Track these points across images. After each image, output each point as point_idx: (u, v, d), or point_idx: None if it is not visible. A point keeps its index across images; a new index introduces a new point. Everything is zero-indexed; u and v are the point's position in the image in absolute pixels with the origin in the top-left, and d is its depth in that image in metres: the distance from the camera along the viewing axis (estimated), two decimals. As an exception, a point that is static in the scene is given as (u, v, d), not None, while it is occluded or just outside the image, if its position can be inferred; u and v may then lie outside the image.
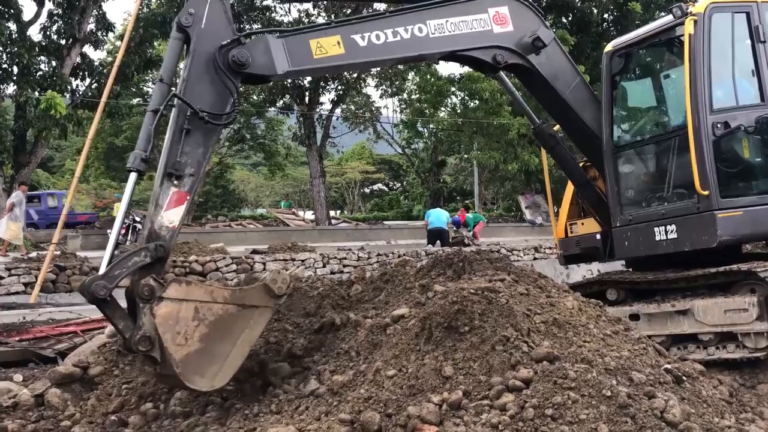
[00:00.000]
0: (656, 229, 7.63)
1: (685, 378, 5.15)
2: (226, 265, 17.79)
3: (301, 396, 5.33)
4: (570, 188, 9.26)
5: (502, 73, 8.03)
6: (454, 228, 26.78)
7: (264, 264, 17.81)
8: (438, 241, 23.77)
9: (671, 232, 7.50)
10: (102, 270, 5.10)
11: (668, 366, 5.22)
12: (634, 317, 7.47)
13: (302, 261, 18.43)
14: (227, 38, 5.86)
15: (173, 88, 5.81)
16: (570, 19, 39.46)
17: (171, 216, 5.53)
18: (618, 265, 9.18)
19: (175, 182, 5.56)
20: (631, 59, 8.36)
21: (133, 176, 5.60)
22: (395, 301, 6.28)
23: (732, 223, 7.20)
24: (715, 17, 7.37)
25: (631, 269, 8.58)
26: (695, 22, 7.22)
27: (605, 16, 40.75)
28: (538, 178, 36.01)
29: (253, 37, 6.17)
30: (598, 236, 8.63)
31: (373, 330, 5.79)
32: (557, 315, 5.46)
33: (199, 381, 5.18)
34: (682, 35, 7.40)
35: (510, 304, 5.34)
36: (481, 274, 6.05)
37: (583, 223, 8.95)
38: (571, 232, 9.08)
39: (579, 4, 39.03)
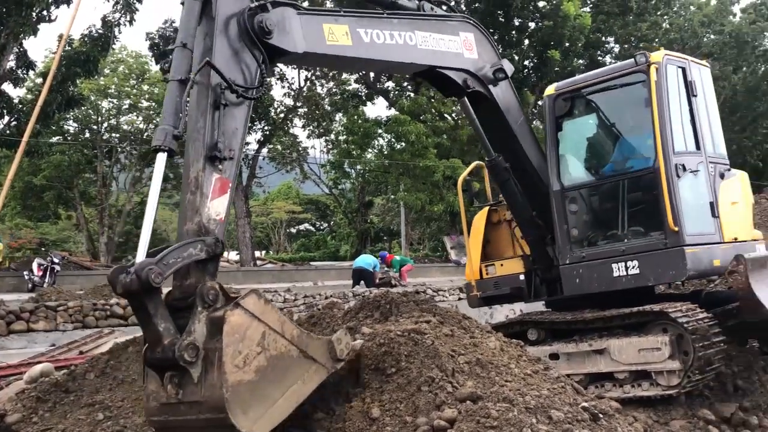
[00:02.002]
0: (614, 265, 7.84)
1: (601, 415, 5.34)
2: (149, 308, 17.35)
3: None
4: (479, 230, 9.40)
5: (465, 99, 8.18)
6: (385, 268, 26.85)
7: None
8: (362, 282, 23.85)
9: (632, 267, 7.74)
10: (139, 258, 4.44)
11: (585, 404, 5.41)
12: (554, 356, 7.69)
13: (227, 303, 18.16)
14: (250, 2, 5.45)
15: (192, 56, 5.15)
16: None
17: (217, 207, 4.97)
18: (539, 306, 9.44)
19: (220, 167, 5.01)
20: (579, 102, 8.68)
21: (162, 157, 4.83)
22: (323, 344, 6.32)
23: (697, 258, 7.58)
24: (668, 68, 7.91)
25: (551, 309, 8.84)
26: (657, 69, 7.71)
27: (525, 63, 42.03)
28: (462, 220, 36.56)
29: (275, 8, 5.67)
30: (522, 276, 8.82)
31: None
32: (480, 355, 5.62)
33: (241, 418, 4.36)
34: (641, 81, 7.92)
35: (435, 345, 5.47)
36: (407, 315, 6.17)
37: (502, 264, 9.05)
38: (487, 274, 9.14)
39: (500, 51, 40.16)
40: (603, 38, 46.55)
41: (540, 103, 46.66)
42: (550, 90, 8.67)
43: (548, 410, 5.04)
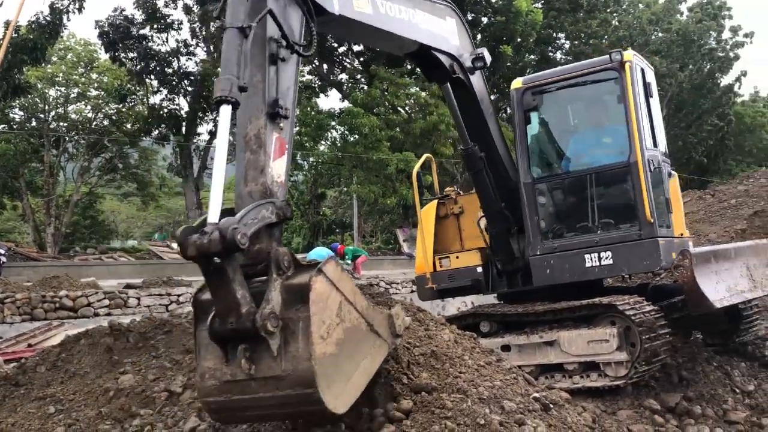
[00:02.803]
0: (587, 256, 7.98)
1: (552, 406, 5.46)
2: (98, 300, 17.15)
3: (181, 434, 5.29)
4: (430, 222, 9.44)
5: (448, 85, 8.20)
6: (338, 260, 26.84)
7: (139, 299, 17.31)
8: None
9: (606, 258, 7.89)
10: (212, 218, 4.00)
11: (537, 394, 5.52)
12: (506, 348, 7.82)
13: (178, 296, 18.02)
14: None
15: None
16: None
17: (278, 168, 4.64)
18: (490, 299, 9.57)
19: (280, 125, 4.72)
20: (549, 96, 8.75)
21: (227, 110, 4.35)
22: (278, 336, 6.33)
23: (665, 250, 7.80)
24: (635, 68, 8.12)
25: (503, 302, 8.97)
26: (630, 67, 7.92)
27: (478, 57, 42.32)
28: (415, 212, 36.72)
29: None
30: (479, 269, 8.90)
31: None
32: (435, 347, 5.68)
33: (328, 393, 3.98)
34: (613, 78, 8.11)
35: (390, 337, 5.51)
36: (363, 308, 6.20)
37: (457, 257, 9.09)
38: (441, 266, 9.11)
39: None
40: (554, 34, 47.18)
41: (492, 98, 47.16)
42: (518, 83, 8.74)
43: (501, 401, 5.13)
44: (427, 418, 4.77)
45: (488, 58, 8.13)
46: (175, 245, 48.46)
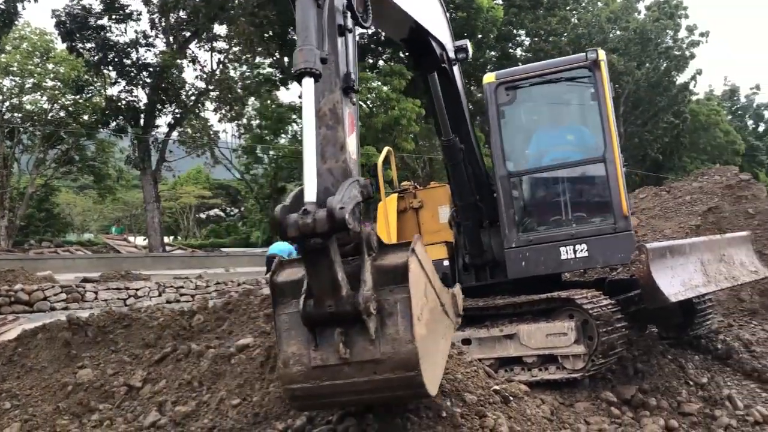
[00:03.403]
0: (562, 248, 8.08)
1: (512, 398, 5.53)
2: (55, 294, 16.91)
3: (141, 428, 5.26)
4: (392, 215, 9.39)
5: (435, 74, 8.09)
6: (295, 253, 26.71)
7: (96, 293, 17.09)
8: (276, 269, 23.65)
9: (581, 251, 8.02)
10: (309, 198, 3.81)
11: (497, 387, 5.58)
12: (466, 342, 7.88)
13: (137, 290, 17.83)
14: None
15: None
16: (407, 54, 40.81)
17: (351, 145, 4.46)
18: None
19: (353, 100, 4.55)
20: (522, 91, 8.82)
21: (310, 83, 4.08)
22: (239, 331, 6.32)
23: (635, 243, 7.94)
24: (603, 67, 8.26)
25: (464, 296, 9.02)
26: (603, 66, 8.09)
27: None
28: (375, 207, 36.73)
29: None
30: (446, 263, 8.90)
31: (216, 360, 5.81)
32: (397, 341, 5.72)
33: (426, 375, 3.89)
34: (587, 76, 8.30)
35: (354, 331, 5.53)
36: (325, 302, 6.21)
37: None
38: None
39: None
40: (514, 31, 47.57)
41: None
42: (491, 78, 8.77)
43: (462, 393, 5.17)
44: (389, 413, 4.80)
45: (470, 50, 8.17)
46: (131, 239, 47.90)
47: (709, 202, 14.75)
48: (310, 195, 3.81)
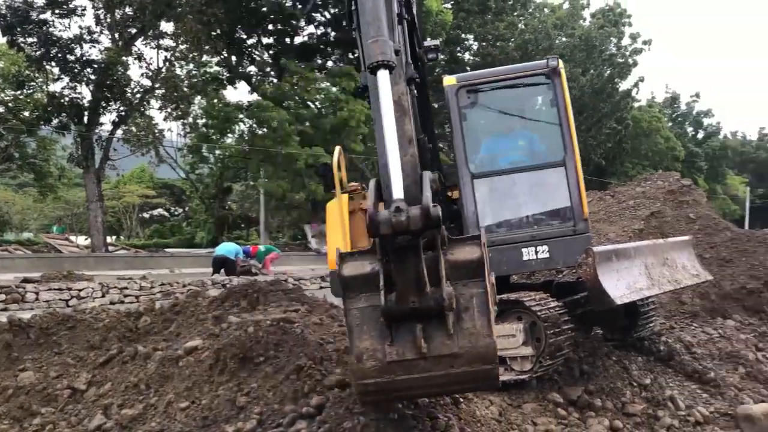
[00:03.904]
0: (524, 249, 8.16)
1: (462, 400, 5.58)
2: (-7, 295, 16.41)
3: (86, 432, 5.16)
4: (343, 216, 9.24)
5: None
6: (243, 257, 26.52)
7: (37, 294, 16.65)
8: (222, 270, 23.48)
9: (542, 252, 8.13)
10: (397, 194, 3.77)
11: (448, 389, 5.63)
12: (416, 344, 7.90)
13: (79, 291, 17.42)
14: None
15: None
16: (357, 56, 40.78)
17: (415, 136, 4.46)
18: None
19: (415, 91, 4.44)
20: (483, 95, 8.89)
21: (386, 75, 3.99)
22: (187, 333, 6.26)
23: (592, 244, 8.11)
24: (563, 74, 8.46)
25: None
26: (564, 74, 8.27)
27: (389, 54, 42.62)
28: (323, 208, 36.62)
29: None
30: None
31: (164, 362, 5.74)
32: (348, 343, 5.71)
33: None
34: (545, 83, 8.50)
35: (304, 334, 5.53)
36: (276, 305, 6.21)
37: None
38: None
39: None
40: (463, 35, 47.94)
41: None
42: (451, 81, 8.79)
43: (414, 396, 5.20)
44: (341, 414, 4.79)
45: (439, 49, 8.19)
46: (73, 238, 46.84)
47: (652, 206, 15.07)
48: (398, 192, 3.78)
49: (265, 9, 39.14)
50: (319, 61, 41.91)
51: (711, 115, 71.70)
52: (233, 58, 41.04)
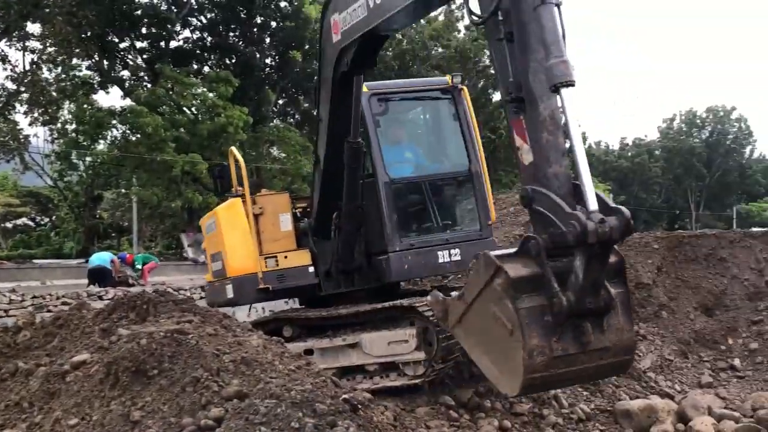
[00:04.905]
0: (440, 252, 8.54)
1: (360, 406, 5.59)
2: None
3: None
4: (242, 219, 9.01)
5: (362, 76, 7.94)
6: (121, 265, 25.53)
7: None
8: (98, 282, 22.57)
9: (455, 255, 8.54)
10: (593, 206, 4.10)
11: (346, 396, 5.63)
12: (309, 352, 7.89)
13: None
14: None
15: None
16: (234, 61, 40.32)
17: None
18: (285, 303, 9.58)
19: (560, 105, 4.44)
20: (393, 104, 9.14)
21: (571, 92, 4.28)
22: (73, 347, 5.98)
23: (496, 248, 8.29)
24: (465, 90, 9.15)
25: (305, 306, 9.02)
26: (467, 90, 8.82)
27: (267, 61, 42.31)
28: (200, 216, 35.80)
29: None
30: (311, 269, 8.81)
31: (49, 378, 5.48)
32: (245, 353, 5.63)
33: None
34: (448, 98, 9.08)
35: (199, 345, 5.40)
36: (167, 316, 6.01)
37: (286, 257, 8.82)
38: (267, 266, 8.77)
39: (243, 48, 40.09)
40: (342, 43, 48.10)
41: (281, 102, 47.26)
42: (363, 89, 8.90)
43: (313, 403, 5.17)
44: (241, 426, 4.72)
45: None
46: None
47: (530, 213, 15.59)
48: (593, 204, 4.14)
49: (138, 12, 37.98)
50: (196, 66, 41.04)
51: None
52: (105, 61, 39.58)
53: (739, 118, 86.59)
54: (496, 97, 55.52)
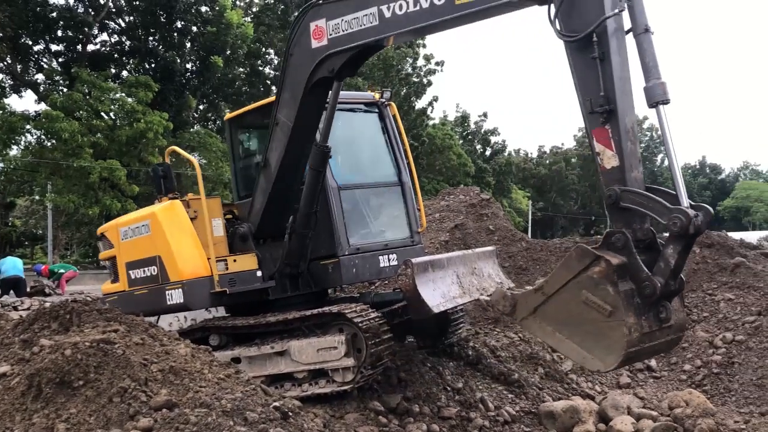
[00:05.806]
0: (381, 257, 8.92)
1: (290, 414, 5.57)
2: None
3: None
4: (187, 222, 8.73)
5: (341, 83, 7.96)
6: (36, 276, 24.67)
7: None
8: (13, 291, 21.75)
9: (393, 260, 8.95)
10: (685, 202, 5.00)
11: (277, 404, 5.60)
12: (236, 360, 7.79)
13: None
14: None
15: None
16: (154, 66, 39.55)
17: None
18: (208, 312, 9.45)
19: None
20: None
21: (665, 110, 5.21)
22: (-9, 359, 5.76)
23: (424, 253, 9.08)
24: (393, 105, 9.64)
25: (231, 314, 8.91)
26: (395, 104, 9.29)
27: (188, 66, 41.67)
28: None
29: None
30: (259, 273, 8.68)
31: (-35, 392, 5.25)
32: (173, 363, 5.54)
33: None
34: (376, 112, 9.59)
35: (126, 354, 5.29)
36: (91, 325, 5.86)
37: (235, 260, 8.65)
38: (218, 270, 8.51)
39: (163, 53, 39.34)
40: (264, 49, 47.85)
41: (201, 107, 46.61)
42: (229, 115, 9.49)
43: (244, 412, 5.14)
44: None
45: None
46: None
47: (455, 219, 15.86)
48: (685, 200, 5.00)
49: (54, 14, 36.87)
50: (114, 71, 40.09)
51: (497, 134, 75.84)
52: (18, 64, 38.26)
53: (650, 127, 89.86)
54: (419, 104, 56.21)
